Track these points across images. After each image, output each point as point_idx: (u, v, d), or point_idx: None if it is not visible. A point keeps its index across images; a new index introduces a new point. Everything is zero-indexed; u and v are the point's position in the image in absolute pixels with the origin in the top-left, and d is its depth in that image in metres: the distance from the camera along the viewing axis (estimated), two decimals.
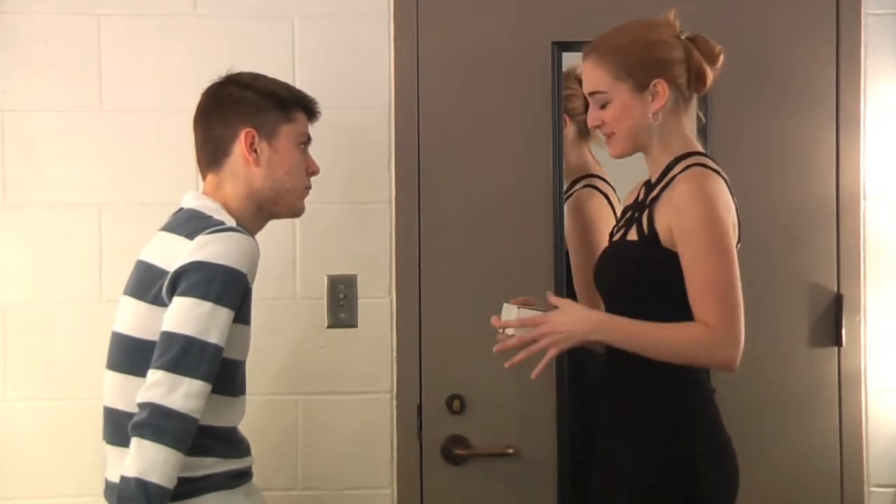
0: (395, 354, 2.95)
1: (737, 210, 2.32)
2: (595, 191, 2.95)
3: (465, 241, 2.93)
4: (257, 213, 2.33)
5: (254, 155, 2.29)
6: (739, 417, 2.38)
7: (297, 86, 2.93)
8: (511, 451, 2.90)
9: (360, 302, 2.94)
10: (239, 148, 2.30)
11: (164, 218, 3.00)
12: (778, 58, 2.94)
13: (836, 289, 2.97)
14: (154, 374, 2.10)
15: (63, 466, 2.92)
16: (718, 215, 2.24)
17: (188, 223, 2.25)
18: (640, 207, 2.37)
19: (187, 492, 2.15)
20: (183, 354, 2.10)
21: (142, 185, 2.94)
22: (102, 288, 2.93)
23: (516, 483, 2.92)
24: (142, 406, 2.09)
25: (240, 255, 2.16)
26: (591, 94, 2.37)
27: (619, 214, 2.59)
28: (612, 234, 2.49)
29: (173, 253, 2.19)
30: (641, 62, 2.32)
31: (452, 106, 2.92)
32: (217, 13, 2.95)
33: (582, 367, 2.86)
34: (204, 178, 2.38)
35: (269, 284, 2.96)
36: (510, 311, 2.36)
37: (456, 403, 2.91)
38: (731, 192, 2.31)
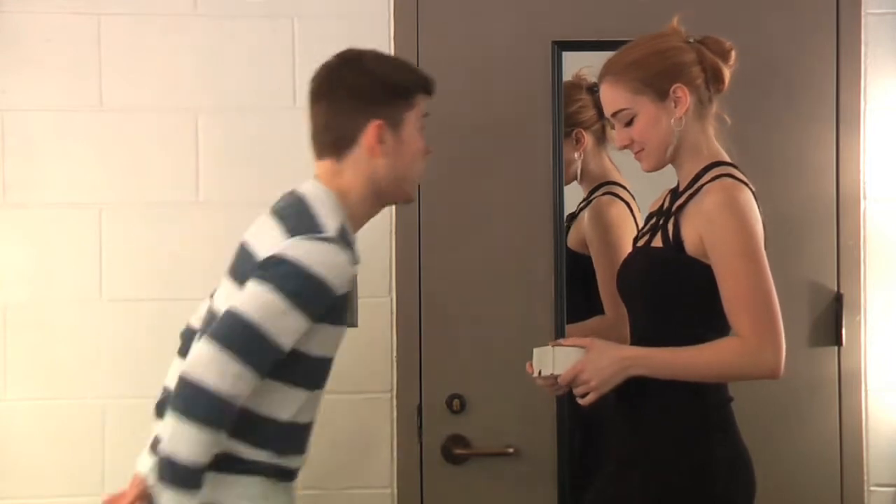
0: (395, 354, 2.95)
1: (764, 225, 2.32)
2: (616, 198, 2.95)
3: (465, 241, 2.92)
4: (375, 200, 2.28)
5: (381, 146, 2.23)
6: (739, 417, 2.37)
7: (297, 87, 2.96)
8: (511, 450, 2.90)
9: (360, 302, 2.94)
10: (365, 140, 2.22)
11: (165, 218, 3.02)
12: (778, 58, 2.94)
13: (836, 289, 2.97)
14: (202, 346, 2.05)
15: (63, 466, 2.92)
16: (750, 224, 2.25)
17: (294, 217, 2.17)
18: (666, 214, 2.37)
19: (232, 469, 2.11)
20: (239, 336, 2.04)
21: (142, 185, 2.94)
22: (102, 288, 2.93)
23: (516, 483, 2.92)
24: (181, 379, 2.03)
25: (330, 266, 2.09)
26: (615, 114, 2.36)
27: (640, 222, 2.58)
28: (635, 241, 2.49)
29: (271, 244, 2.13)
30: (657, 72, 2.32)
31: (452, 106, 2.92)
32: (217, 13, 2.95)
33: None
34: (319, 159, 2.28)
35: None
36: (545, 354, 2.33)
37: (456, 403, 2.91)
38: (757, 204, 2.31)
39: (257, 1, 2.96)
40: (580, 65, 2.96)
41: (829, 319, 2.97)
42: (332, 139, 2.25)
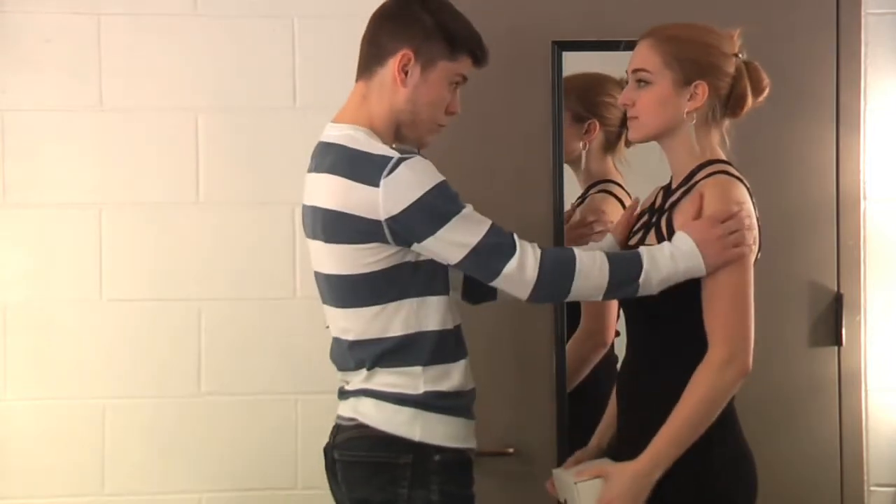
0: None
1: (758, 220, 2.32)
2: (609, 195, 2.93)
3: None
4: (396, 131, 2.33)
5: (402, 76, 2.28)
6: (740, 417, 2.37)
7: (297, 87, 2.96)
8: (511, 450, 2.90)
9: None
10: (392, 63, 2.29)
11: (165, 218, 3.01)
12: (778, 58, 2.93)
13: (836, 288, 2.97)
14: (508, 270, 2.20)
15: (63, 466, 2.92)
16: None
17: (354, 164, 2.21)
18: (659, 212, 2.38)
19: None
20: (497, 247, 2.19)
21: (142, 185, 2.94)
22: (102, 288, 2.93)
23: (516, 483, 2.91)
24: (533, 283, 2.21)
25: (428, 169, 2.20)
26: (636, 70, 2.37)
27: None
28: (628, 239, 2.49)
29: (336, 196, 2.20)
30: (694, 59, 2.33)
31: None
32: (217, 13, 2.95)
33: (594, 374, 2.87)
34: (357, 81, 2.34)
35: (270, 284, 2.97)
36: (568, 488, 2.36)
37: None
38: (752, 201, 2.32)
39: (257, 1, 2.96)
40: (580, 65, 2.95)
41: (829, 319, 2.97)
42: (369, 55, 2.32)
